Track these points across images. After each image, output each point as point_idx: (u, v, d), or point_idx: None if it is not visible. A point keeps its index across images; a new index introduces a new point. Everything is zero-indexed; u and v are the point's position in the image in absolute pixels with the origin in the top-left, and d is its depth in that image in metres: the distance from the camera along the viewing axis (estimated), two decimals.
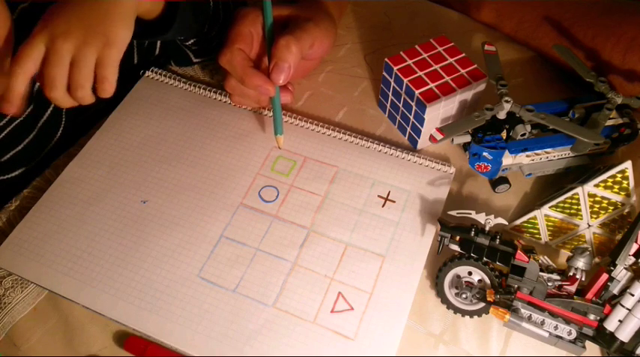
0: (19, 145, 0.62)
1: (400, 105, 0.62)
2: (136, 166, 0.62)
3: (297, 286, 0.54)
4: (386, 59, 0.61)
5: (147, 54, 0.71)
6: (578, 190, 0.54)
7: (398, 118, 0.64)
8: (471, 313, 0.52)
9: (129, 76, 0.70)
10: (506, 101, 0.55)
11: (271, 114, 0.65)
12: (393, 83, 0.62)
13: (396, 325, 0.52)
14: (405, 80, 0.59)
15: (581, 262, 0.49)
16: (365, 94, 0.69)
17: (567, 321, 0.49)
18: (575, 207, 0.54)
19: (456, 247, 0.53)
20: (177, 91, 0.68)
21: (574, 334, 0.49)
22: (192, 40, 0.65)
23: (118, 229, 0.57)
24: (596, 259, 0.55)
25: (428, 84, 0.59)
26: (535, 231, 0.57)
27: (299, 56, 0.58)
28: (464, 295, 0.52)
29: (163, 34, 0.57)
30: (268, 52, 0.58)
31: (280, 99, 0.61)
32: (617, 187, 0.54)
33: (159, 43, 0.71)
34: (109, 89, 0.50)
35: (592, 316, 0.49)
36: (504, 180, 0.60)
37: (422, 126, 0.60)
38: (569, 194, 0.54)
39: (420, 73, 0.60)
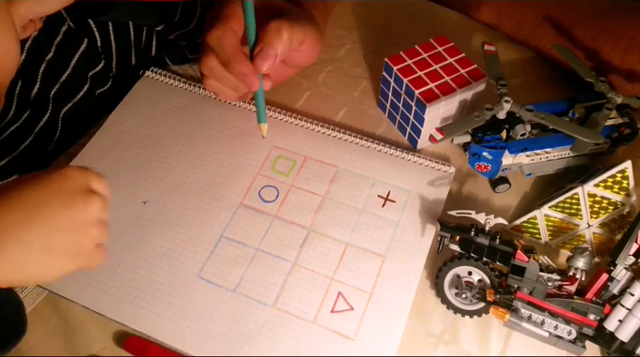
0: (15, 151, 0.61)
1: (400, 105, 0.62)
2: (136, 166, 0.62)
3: (297, 286, 0.54)
4: (386, 59, 0.61)
5: (144, 54, 0.71)
6: (578, 190, 0.54)
7: (398, 118, 0.64)
8: (471, 313, 0.52)
9: (127, 76, 0.70)
10: (506, 101, 0.55)
11: (271, 114, 0.65)
12: (392, 83, 0.62)
13: (396, 325, 0.52)
14: (405, 80, 0.59)
15: (581, 262, 0.49)
16: (365, 94, 0.69)
17: (567, 321, 0.49)
18: (575, 207, 0.54)
19: (456, 247, 0.53)
20: (177, 91, 0.68)
21: (574, 334, 0.49)
22: (175, 34, 0.65)
23: (117, 229, 0.57)
24: (596, 259, 0.55)
25: (428, 84, 0.59)
26: (535, 231, 0.57)
27: (288, 46, 0.54)
28: (464, 295, 0.52)
29: (106, 13, 0.56)
30: (249, 38, 0.55)
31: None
32: (617, 186, 0.54)
33: (154, 43, 0.71)
34: None
35: (592, 316, 0.49)
36: (504, 180, 0.60)
37: (422, 126, 0.60)
38: (569, 194, 0.54)
39: (420, 73, 0.60)
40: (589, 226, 0.55)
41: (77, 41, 0.64)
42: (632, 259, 0.49)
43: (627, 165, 0.53)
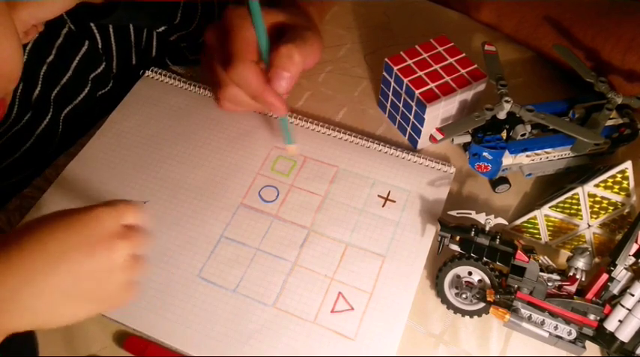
0: (16, 153, 0.61)
1: (400, 105, 0.62)
2: (136, 166, 0.62)
3: (297, 286, 0.54)
4: (386, 59, 0.61)
5: (144, 55, 0.71)
6: (578, 190, 0.54)
7: (398, 118, 0.64)
8: (471, 313, 0.52)
9: (128, 76, 0.70)
10: (506, 101, 0.55)
11: (271, 114, 0.65)
12: (393, 83, 0.62)
13: (396, 325, 0.52)
14: (405, 80, 0.59)
15: (581, 262, 0.49)
16: (365, 94, 0.69)
17: (567, 321, 0.49)
18: (575, 207, 0.54)
19: (456, 247, 0.53)
20: (177, 91, 0.68)
21: (574, 334, 0.49)
22: (175, 35, 0.65)
23: None
24: (596, 259, 0.55)
25: (428, 84, 0.59)
26: (535, 231, 0.57)
27: (301, 67, 0.55)
28: (464, 295, 0.52)
29: (107, 16, 0.56)
30: (265, 59, 0.55)
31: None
32: (617, 187, 0.54)
33: (155, 44, 0.71)
34: None
35: (592, 316, 0.49)
36: (504, 180, 0.60)
37: (422, 126, 0.60)
38: (569, 194, 0.54)
39: (420, 73, 0.60)
40: (589, 226, 0.55)
41: (78, 43, 0.64)
42: (632, 260, 0.49)
43: (627, 165, 0.53)
